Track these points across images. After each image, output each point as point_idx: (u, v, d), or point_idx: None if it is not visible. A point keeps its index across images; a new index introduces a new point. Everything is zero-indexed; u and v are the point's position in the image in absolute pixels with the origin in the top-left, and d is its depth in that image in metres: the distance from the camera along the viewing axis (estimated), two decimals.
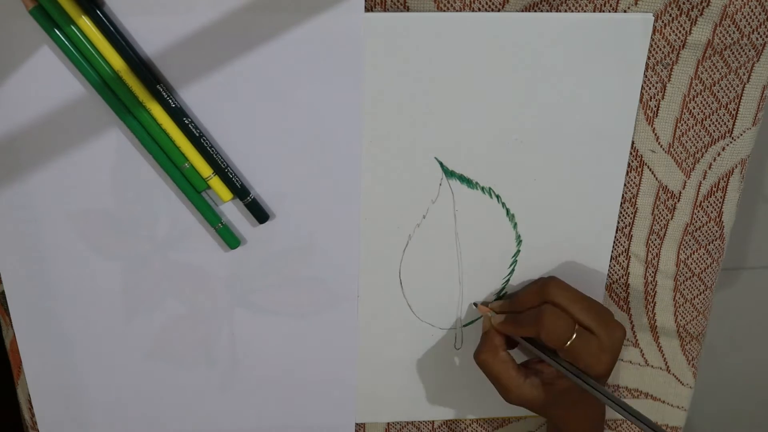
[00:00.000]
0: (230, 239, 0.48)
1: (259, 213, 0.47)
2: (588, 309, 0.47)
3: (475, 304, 0.53)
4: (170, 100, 0.43)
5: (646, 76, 0.46)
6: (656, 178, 0.50)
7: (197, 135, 0.44)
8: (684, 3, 0.44)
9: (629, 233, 0.52)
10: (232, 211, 0.48)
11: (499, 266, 0.52)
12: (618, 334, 0.47)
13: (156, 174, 0.46)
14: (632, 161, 0.49)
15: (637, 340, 0.56)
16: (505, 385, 0.48)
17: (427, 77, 0.45)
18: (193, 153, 0.45)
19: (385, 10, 0.43)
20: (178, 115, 0.44)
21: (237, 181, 0.46)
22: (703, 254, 0.53)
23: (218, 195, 0.46)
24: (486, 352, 0.50)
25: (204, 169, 0.45)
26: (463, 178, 0.48)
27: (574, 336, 0.46)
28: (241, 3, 0.41)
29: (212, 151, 0.45)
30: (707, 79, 0.47)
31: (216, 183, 0.46)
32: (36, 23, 0.41)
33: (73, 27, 0.41)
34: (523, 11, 0.44)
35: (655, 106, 0.47)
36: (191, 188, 0.46)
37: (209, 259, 0.49)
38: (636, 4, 0.44)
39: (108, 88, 0.43)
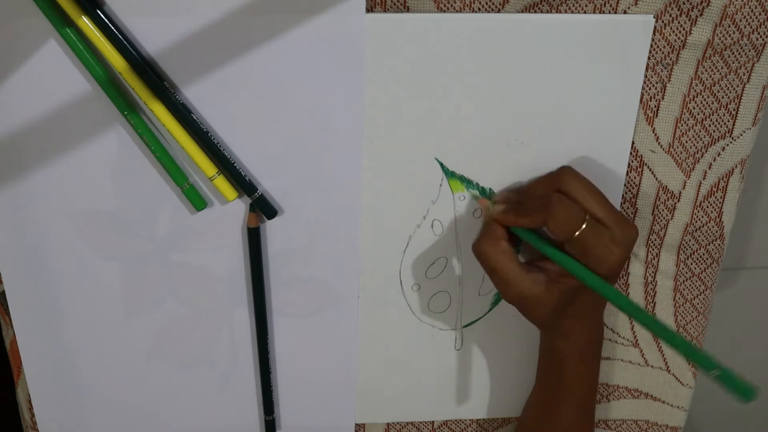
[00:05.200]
0: (196, 200, 0.47)
1: (267, 209, 0.47)
2: (601, 201, 0.44)
3: (476, 198, 0.49)
4: (176, 98, 0.43)
5: (646, 76, 0.46)
6: (656, 178, 0.50)
7: (205, 131, 0.44)
8: (684, 3, 0.44)
9: None
10: (233, 212, 0.48)
11: None
12: (631, 232, 0.44)
13: (157, 174, 0.46)
14: (632, 161, 0.49)
15: (637, 340, 0.56)
16: (504, 279, 0.44)
17: (427, 78, 0.45)
18: (197, 152, 0.45)
19: (385, 10, 0.43)
20: (185, 111, 0.43)
21: (246, 176, 0.46)
22: (703, 254, 0.53)
23: (223, 194, 0.46)
24: (485, 240, 0.45)
25: (208, 168, 0.45)
26: (463, 179, 0.48)
27: (584, 225, 0.43)
28: (243, 4, 0.41)
29: (220, 147, 0.45)
30: (707, 79, 0.47)
31: (221, 182, 0.46)
32: (36, 23, 0.41)
33: (79, 25, 0.41)
34: (523, 11, 0.44)
35: (655, 106, 0.47)
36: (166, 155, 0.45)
37: (209, 259, 0.49)
38: (636, 4, 0.44)
39: (113, 86, 0.43)
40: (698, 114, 0.48)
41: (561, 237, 0.43)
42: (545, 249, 0.45)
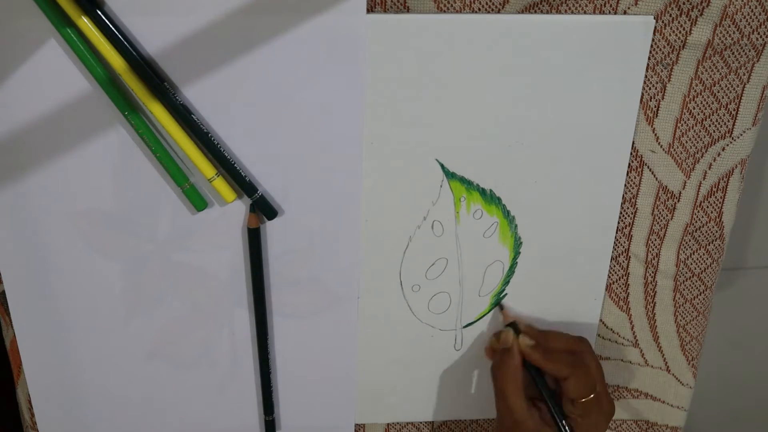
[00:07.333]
0: (197, 201, 0.47)
1: (268, 209, 0.47)
2: (604, 379, 0.50)
3: (501, 307, 0.53)
4: (176, 98, 0.43)
5: (646, 77, 0.46)
6: (656, 178, 0.50)
7: (205, 131, 0.44)
8: (684, 3, 0.44)
9: (629, 233, 0.52)
10: (233, 212, 0.48)
11: (499, 268, 0.52)
12: (613, 410, 0.50)
13: (158, 174, 0.46)
14: (632, 161, 0.49)
15: (637, 340, 0.56)
16: (510, 407, 0.48)
17: (427, 78, 0.45)
18: (196, 154, 0.45)
19: (385, 10, 0.43)
20: (185, 112, 0.43)
21: (246, 177, 0.46)
22: (703, 254, 0.53)
23: (221, 196, 0.46)
24: (508, 367, 0.49)
25: (207, 170, 0.45)
26: (463, 180, 0.48)
27: (593, 395, 0.48)
28: (243, 4, 0.41)
29: (220, 147, 0.45)
30: (707, 79, 0.47)
31: (219, 184, 0.46)
32: (36, 23, 0.41)
33: (79, 25, 0.41)
34: (523, 11, 0.44)
35: (655, 106, 0.47)
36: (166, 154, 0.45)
37: (210, 259, 0.49)
38: (636, 4, 0.44)
39: (114, 86, 0.43)
40: (698, 114, 0.48)
41: (572, 395, 0.48)
42: (549, 398, 0.49)
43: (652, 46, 0.45)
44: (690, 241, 0.52)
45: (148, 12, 0.41)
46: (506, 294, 0.53)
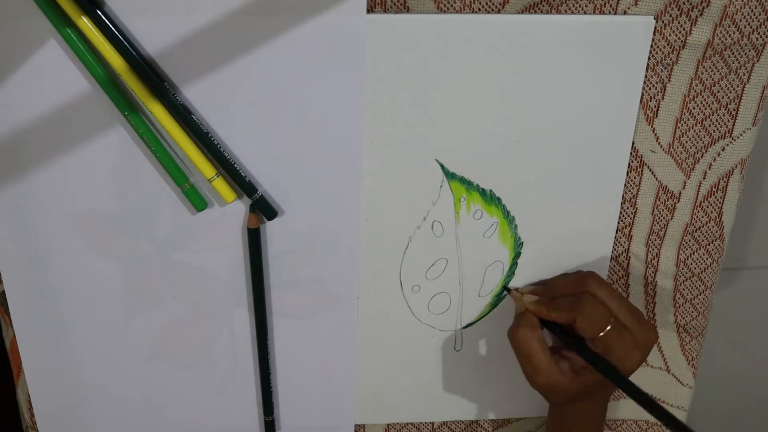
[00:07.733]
0: (197, 201, 0.47)
1: (267, 209, 0.47)
2: (624, 306, 0.47)
3: (508, 290, 0.52)
4: (176, 98, 0.43)
5: (646, 77, 0.46)
6: (656, 179, 0.50)
7: (205, 132, 0.44)
8: (684, 3, 0.44)
9: (629, 233, 0.52)
10: (233, 212, 0.48)
11: (499, 268, 0.52)
12: (651, 334, 0.48)
13: (158, 174, 0.46)
14: (632, 161, 0.49)
15: None
16: (536, 366, 0.47)
17: (428, 79, 0.45)
18: (196, 154, 0.45)
19: (385, 11, 0.43)
20: (185, 112, 0.43)
21: (246, 177, 0.46)
22: (703, 254, 0.53)
23: (221, 196, 0.46)
24: (524, 327, 0.48)
25: (207, 170, 0.45)
26: (463, 180, 0.48)
27: (609, 327, 0.46)
28: (243, 4, 0.41)
29: (220, 147, 0.45)
30: (707, 79, 0.47)
31: (219, 184, 0.46)
32: (37, 23, 0.41)
33: (79, 25, 0.41)
34: (523, 11, 0.44)
35: (655, 107, 0.47)
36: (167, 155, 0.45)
37: (209, 259, 0.49)
38: (636, 4, 0.44)
39: (114, 86, 0.43)
40: (698, 114, 0.48)
41: (587, 335, 0.46)
42: (573, 344, 0.48)
43: (652, 46, 0.45)
44: (690, 241, 0.52)
45: (148, 12, 0.41)
46: (506, 294, 0.53)
